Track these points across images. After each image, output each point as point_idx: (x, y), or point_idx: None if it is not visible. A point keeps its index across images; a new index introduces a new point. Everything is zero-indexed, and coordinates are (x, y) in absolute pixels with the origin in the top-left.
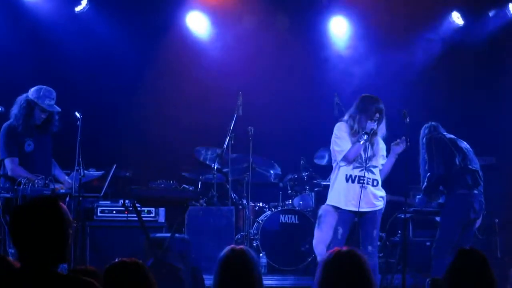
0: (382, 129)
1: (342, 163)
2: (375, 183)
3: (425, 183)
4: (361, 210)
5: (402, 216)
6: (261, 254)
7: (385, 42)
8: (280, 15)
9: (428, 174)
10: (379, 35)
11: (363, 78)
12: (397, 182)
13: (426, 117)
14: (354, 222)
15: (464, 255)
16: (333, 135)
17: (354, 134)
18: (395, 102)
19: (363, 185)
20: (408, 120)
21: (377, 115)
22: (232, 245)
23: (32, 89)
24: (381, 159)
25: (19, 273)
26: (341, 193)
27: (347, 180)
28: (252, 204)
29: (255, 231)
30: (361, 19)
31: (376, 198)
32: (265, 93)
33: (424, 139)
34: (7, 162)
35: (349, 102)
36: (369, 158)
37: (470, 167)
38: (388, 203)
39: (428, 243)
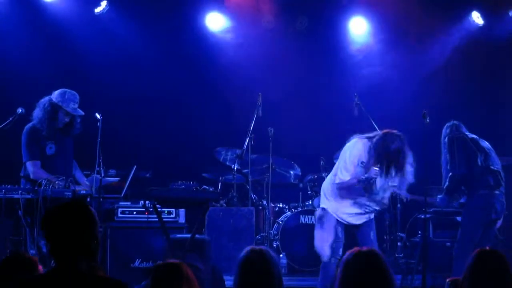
0: (407, 173)
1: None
2: (374, 211)
3: (447, 183)
4: (357, 223)
5: (422, 216)
6: (281, 255)
7: (405, 42)
8: (299, 16)
9: (450, 173)
10: (399, 35)
11: (383, 78)
12: (417, 182)
13: (446, 116)
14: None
15: (483, 255)
16: (344, 153)
17: (365, 166)
18: (414, 102)
19: (367, 213)
20: (428, 120)
21: (384, 164)
22: (252, 246)
23: (56, 92)
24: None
25: (53, 273)
26: (344, 211)
27: (353, 204)
28: (272, 204)
29: (275, 232)
30: (381, 19)
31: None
32: (285, 93)
33: (446, 138)
34: (29, 165)
35: (369, 102)
36: (379, 190)
37: (492, 167)
38: (409, 203)
39: (448, 244)
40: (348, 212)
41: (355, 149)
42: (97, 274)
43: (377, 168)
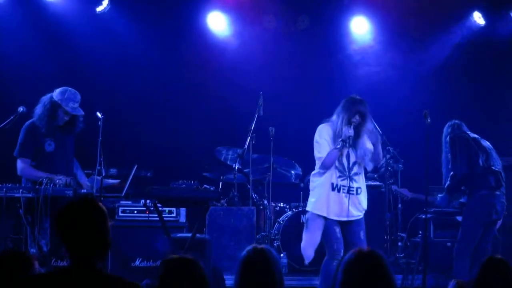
0: (368, 132)
1: (321, 170)
2: (359, 191)
3: (448, 182)
4: (350, 219)
5: (423, 216)
6: (281, 254)
7: (406, 42)
8: (300, 15)
9: (452, 173)
10: (400, 35)
11: (384, 78)
12: (418, 182)
13: (447, 116)
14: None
15: (493, 264)
16: (314, 139)
17: (336, 138)
18: (415, 101)
19: (348, 194)
20: (429, 120)
21: (357, 117)
22: (253, 244)
23: (58, 90)
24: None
25: (69, 272)
26: (326, 203)
27: (333, 189)
28: (273, 204)
29: (276, 231)
30: (382, 20)
31: (360, 208)
32: (286, 93)
33: (448, 137)
34: (19, 161)
35: (370, 101)
36: (352, 166)
37: (494, 168)
38: (410, 201)
39: (449, 244)
40: (331, 202)
41: (322, 130)
42: (112, 274)
43: (350, 126)
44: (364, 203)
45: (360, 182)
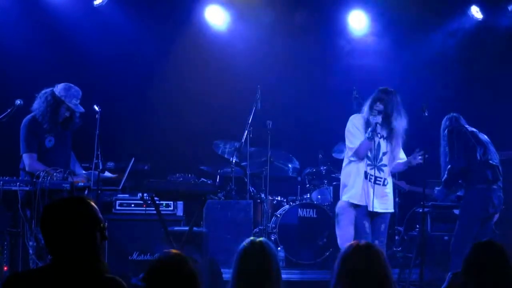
0: (400, 123)
1: (353, 158)
2: (385, 182)
3: (445, 175)
4: (375, 210)
5: (420, 210)
6: (279, 248)
7: (404, 35)
8: (298, 9)
9: (449, 166)
10: (397, 29)
11: (382, 72)
12: (416, 175)
13: (445, 110)
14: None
15: (479, 248)
16: (346, 129)
17: (366, 126)
18: (413, 95)
19: (374, 184)
20: (426, 113)
21: (378, 104)
22: (251, 237)
23: (60, 86)
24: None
25: (47, 269)
26: (360, 191)
27: (366, 177)
28: (270, 198)
29: (273, 225)
30: (380, 13)
31: (391, 202)
32: (284, 86)
33: (446, 130)
34: (26, 157)
35: (368, 95)
36: (382, 156)
37: (491, 162)
38: (407, 194)
39: (446, 238)
40: (364, 190)
41: (354, 119)
42: (93, 270)
43: (377, 115)
44: (391, 201)
45: (386, 174)
